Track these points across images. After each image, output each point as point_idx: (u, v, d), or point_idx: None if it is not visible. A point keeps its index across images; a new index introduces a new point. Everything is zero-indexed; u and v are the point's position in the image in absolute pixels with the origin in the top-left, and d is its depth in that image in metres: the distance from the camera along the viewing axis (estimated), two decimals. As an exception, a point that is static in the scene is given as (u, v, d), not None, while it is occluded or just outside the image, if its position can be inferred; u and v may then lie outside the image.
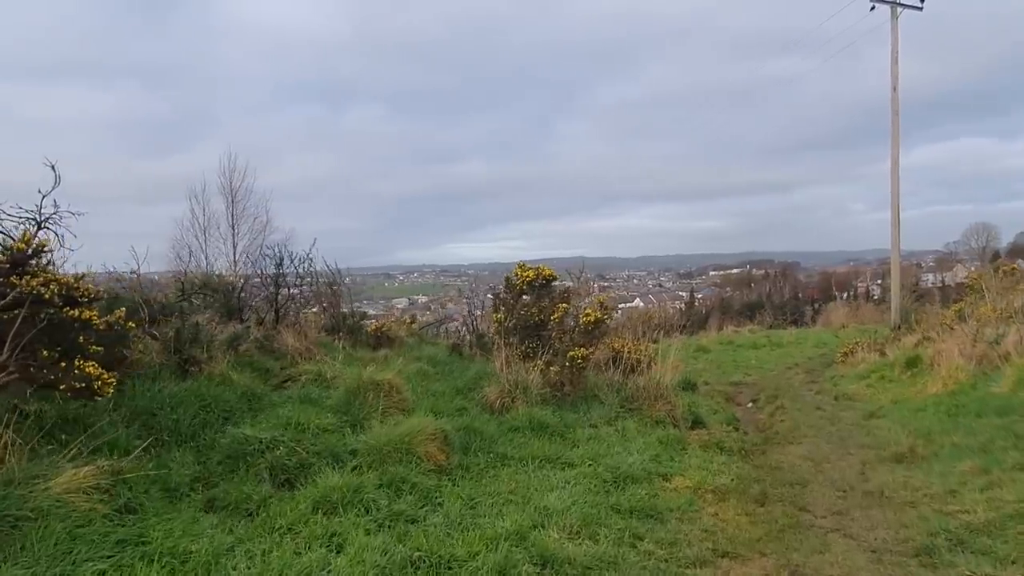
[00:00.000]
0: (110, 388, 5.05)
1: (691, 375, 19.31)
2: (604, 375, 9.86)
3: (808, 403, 11.83)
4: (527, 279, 9.72)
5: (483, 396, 8.94)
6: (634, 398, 9.48)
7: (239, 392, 7.71)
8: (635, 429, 8.47)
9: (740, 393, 15.22)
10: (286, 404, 7.80)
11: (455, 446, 6.89)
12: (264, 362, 9.34)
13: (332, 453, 6.38)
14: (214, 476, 6.02)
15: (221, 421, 7.07)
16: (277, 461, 6.01)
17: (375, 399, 7.76)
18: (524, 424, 7.94)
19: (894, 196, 21.85)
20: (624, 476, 6.64)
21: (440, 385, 9.30)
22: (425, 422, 6.76)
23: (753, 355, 23.11)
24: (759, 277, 65.17)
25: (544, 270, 9.85)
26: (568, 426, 8.26)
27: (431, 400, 8.32)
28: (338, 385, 8.16)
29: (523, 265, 9.90)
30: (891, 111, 21.86)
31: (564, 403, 9.09)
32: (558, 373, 9.14)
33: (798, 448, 8.43)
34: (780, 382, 16.57)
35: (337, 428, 7.14)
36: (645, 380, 9.54)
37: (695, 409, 10.52)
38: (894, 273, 22.92)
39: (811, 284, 57.50)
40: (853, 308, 35.14)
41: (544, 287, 9.86)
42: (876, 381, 12.62)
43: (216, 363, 7.90)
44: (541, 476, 6.54)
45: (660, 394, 9.45)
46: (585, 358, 9.19)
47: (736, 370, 20.01)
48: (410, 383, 8.84)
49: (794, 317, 35.42)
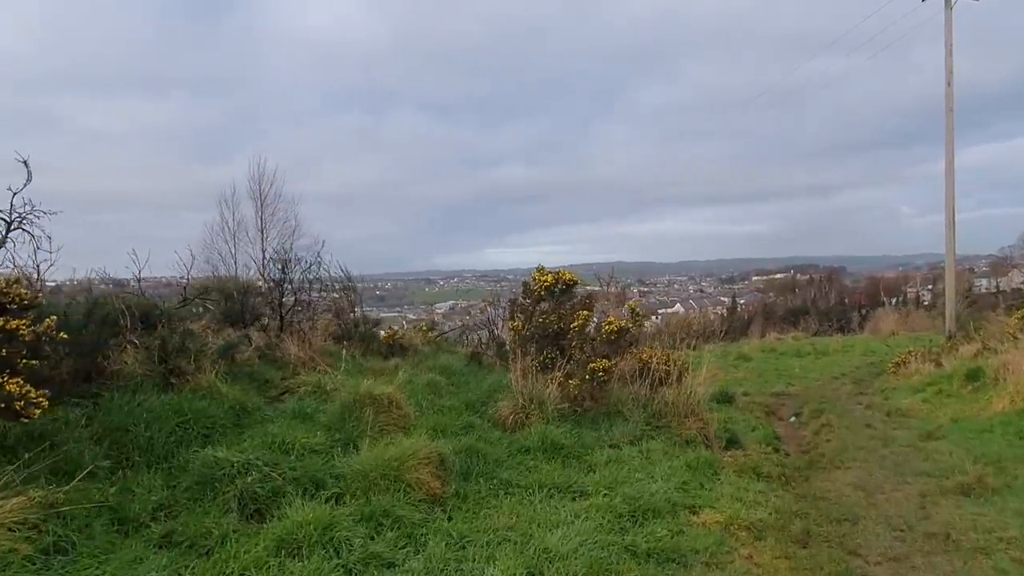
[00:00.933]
0: (37, 409, 4.34)
1: (729, 385, 18.35)
2: (630, 388, 8.96)
3: (857, 419, 10.75)
4: (545, 284, 8.89)
5: (495, 412, 8.13)
6: (662, 414, 8.57)
7: (227, 406, 7.03)
8: (661, 450, 7.56)
9: (782, 406, 14.13)
10: (277, 420, 7.10)
11: (453, 471, 6.09)
12: (265, 372, 8.68)
13: (313, 479, 5.62)
14: (179, 504, 5.32)
15: (201, 439, 6.40)
16: (247, 488, 5.27)
17: (372, 415, 7.01)
18: (536, 445, 7.10)
19: (948, 196, 20.43)
20: (644, 509, 5.75)
21: (450, 399, 8.51)
22: (420, 444, 5.96)
23: (797, 364, 21.89)
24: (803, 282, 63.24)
25: (564, 274, 9.00)
26: (585, 447, 7.40)
27: (436, 416, 7.53)
28: (336, 399, 7.42)
29: (542, 268, 9.07)
30: (945, 107, 20.47)
31: (584, 420, 8.23)
32: (578, 387, 8.29)
33: (846, 474, 7.43)
34: (826, 394, 15.41)
35: (326, 448, 6.40)
36: (674, 394, 8.61)
37: (731, 426, 9.56)
38: (948, 277, 21.45)
39: (858, 290, 55.48)
40: (903, 315, 33.47)
41: (564, 293, 9.01)
42: (933, 395, 11.46)
43: (204, 374, 7.24)
44: (548, 508, 5.69)
45: (691, 409, 8.52)
46: (607, 370, 8.31)
47: (778, 380, 18.86)
48: (415, 397, 8.08)
49: (840, 324, 33.81)
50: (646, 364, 9.35)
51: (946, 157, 20.45)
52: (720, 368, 22.86)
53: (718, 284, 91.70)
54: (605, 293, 13.64)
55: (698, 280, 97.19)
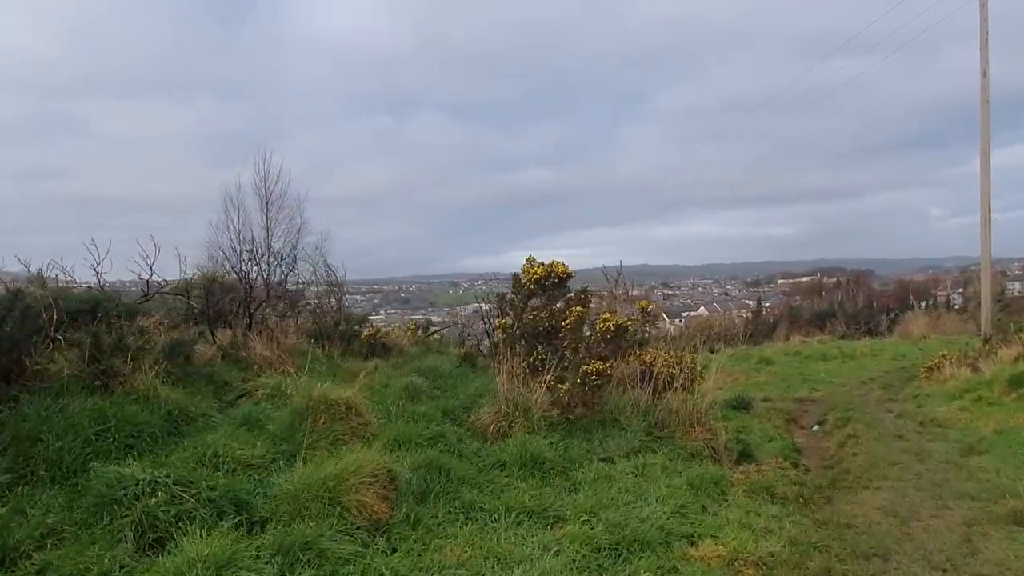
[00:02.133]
0: None
1: (749, 390, 17.19)
2: (630, 394, 7.92)
3: (887, 429, 9.60)
4: (535, 277, 7.89)
5: (476, 419, 7.16)
6: (665, 423, 7.53)
7: (163, 412, 6.13)
8: (661, 465, 6.52)
9: (805, 413, 12.96)
10: (222, 427, 6.19)
11: (407, 491, 5.11)
12: (226, 373, 7.80)
13: (235, 501, 4.67)
14: (71, 530, 4.42)
15: (123, 451, 5.49)
16: (149, 512, 4.34)
17: (327, 423, 6.07)
18: (513, 458, 6.10)
19: (984, 191, 18.99)
20: (631, 540, 4.74)
21: (428, 405, 7.53)
22: (367, 458, 5.00)
23: (822, 367, 20.60)
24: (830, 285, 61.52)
25: (557, 266, 8.00)
26: (572, 461, 6.38)
27: (404, 425, 6.54)
28: (290, 404, 6.49)
29: (532, 260, 8.08)
30: (980, 99, 19.04)
31: (575, 429, 7.22)
32: (568, 391, 7.27)
33: (876, 496, 6.33)
34: (853, 400, 14.19)
35: (266, 462, 5.47)
36: (678, 401, 7.56)
37: (744, 436, 8.48)
38: (984, 278, 19.98)
39: (886, 292, 53.67)
40: (933, 318, 31.87)
41: (557, 287, 8.01)
42: (971, 403, 10.25)
43: (142, 375, 6.35)
44: (513, 538, 4.69)
45: (698, 418, 7.47)
46: (602, 373, 7.29)
47: (802, 384, 17.63)
48: (385, 402, 7.14)
49: (868, 327, 32.27)
50: (649, 367, 8.31)
51: (981, 149, 19.04)
52: (741, 372, 21.74)
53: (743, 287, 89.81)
54: (612, 292, 12.57)
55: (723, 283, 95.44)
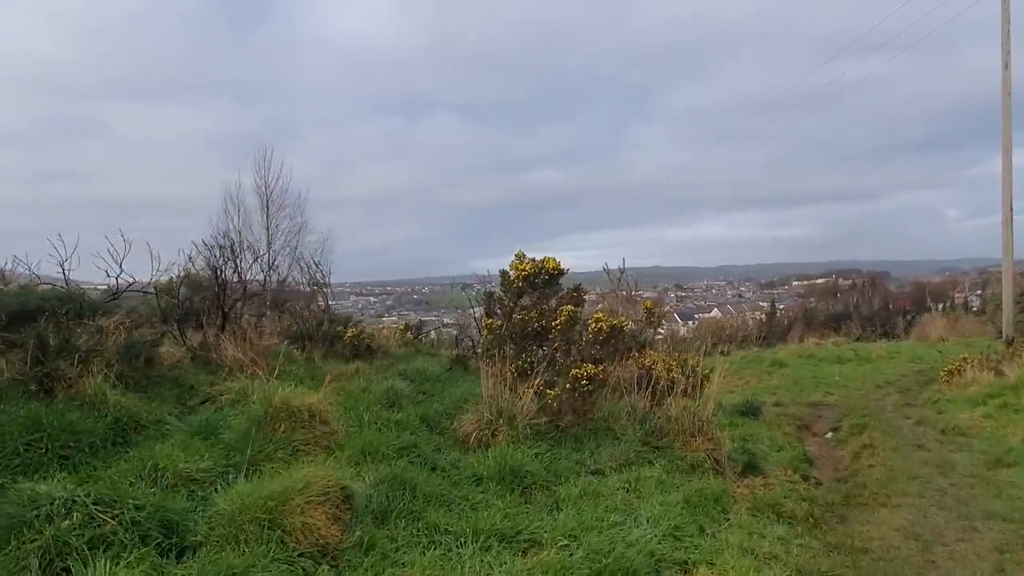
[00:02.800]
0: None
1: (761, 394, 16.46)
2: (627, 399, 7.30)
3: (906, 437, 8.91)
4: (524, 273, 7.29)
5: (457, 427, 6.57)
6: (663, 431, 6.89)
7: (110, 419, 5.59)
8: (656, 479, 5.89)
9: (818, 419, 12.27)
10: (175, 436, 5.64)
11: (364, 511, 4.52)
12: (193, 376, 7.26)
13: (165, 522, 4.10)
14: (-25, 556, 3.87)
15: (57, 463, 4.95)
16: (60, 537, 3.78)
17: (287, 432, 5.50)
18: (492, 472, 5.49)
19: (1006, 191, 18.18)
20: (614, 569, 4.12)
21: (407, 411, 6.94)
22: (318, 474, 4.41)
23: (837, 370, 19.84)
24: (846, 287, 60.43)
25: (548, 262, 7.39)
26: (557, 474, 5.77)
27: (375, 434, 5.95)
28: (246, 411, 5.93)
29: (522, 256, 7.48)
30: (1002, 91, 18.26)
31: (565, 438, 6.61)
32: (557, 397, 6.66)
33: (894, 515, 5.67)
34: (869, 404, 13.48)
35: (212, 477, 4.89)
36: (678, 408, 6.93)
37: (751, 445, 7.84)
38: (1006, 279, 19.14)
39: (903, 295, 52.58)
40: (951, 320, 30.99)
41: (548, 285, 7.40)
42: (996, 410, 9.53)
43: (91, 379, 5.82)
44: (479, 567, 4.09)
45: (699, 427, 6.83)
46: (594, 378, 6.67)
47: (816, 388, 16.91)
48: (356, 408, 6.56)
49: (884, 329, 31.41)
50: (648, 371, 7.69)
51: (1003, 145, 18.23)
52: (753, 375, 21.02)
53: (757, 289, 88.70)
54: (615, 291, 11.95)
55: (737, 285, 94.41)
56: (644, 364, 7.79)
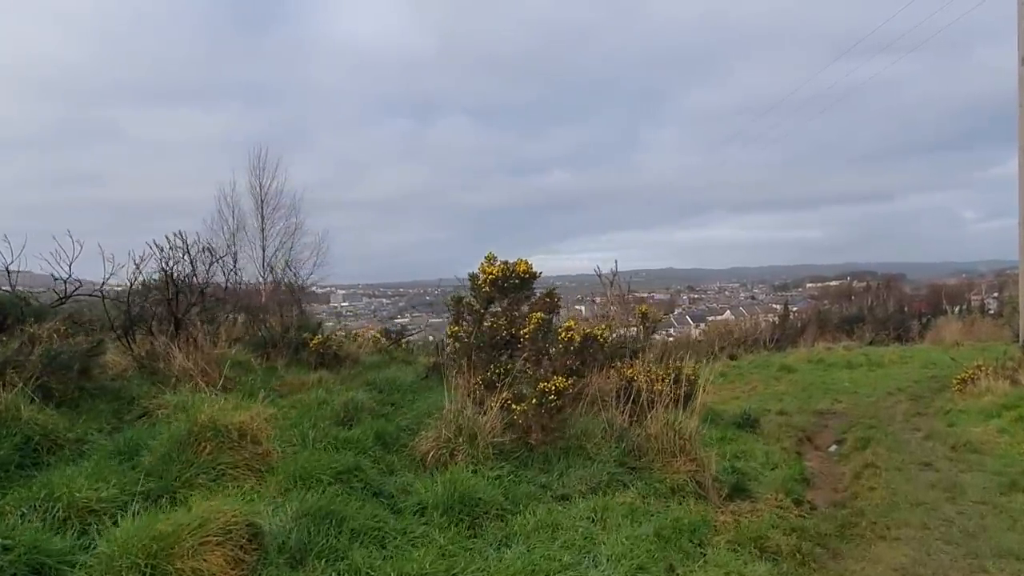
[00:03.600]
0: None
1: (765, 401, 15.79)
2: (605, 414, 6.66)
3: (913, 453, 8.20)
4: (491, 278, 6.67)
5: (416, 446, 5.96)
6: (642, 450, 6.25)
7: (19, 439, 5.02)
8: (628, 506, 5.25)
9: (823, 429, 11.55)
10: (92, 458, 5.07)
11: (277, 551, 3.92)
12: (136, 388, 6.70)
13: (36, 567, 3.52)
14: None
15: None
16: (-100, 587, 3.22)
17: (212, 453, 4.91)
18: (439, 500, 4.86)
19: (1023, 191, 17.33)
20: (555, 624, 3.50)
21: (364, 427, 6.33)
22: (221, 508, 3.81)
23: (847, 376, 19.08)
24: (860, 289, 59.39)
25: (519, 265, 6.76)
26: (516, 501, 5.13)
27: (318, 454, 5.33)
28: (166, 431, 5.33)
29: (492, 257, 6.85)
30: (1018, 89, 17.38)
31: (532, 459, 5.98)
32: (523, 413, 6.02)
33: (894, 550, 4.99)
34: (878, 413, 12.74)
35: (115, 508, 4.31)
36: (659, 424, 6.27)
37: (741, 463, 7.18)
38: (1023, 281, 18.29)
39: (918, 297, 51.45)
40: (967, 323, 29.98)
41: (518, 289, 6.77)
42: (1012, 423, 8.79)
43: (4, 392, 5.26)
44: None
45: (681, 445, 6.18)
46: (563, 392, 6.02)
47: (824, 395, 16.16)
48: (301, 426, 5.97)
49: (898, 332, 30.47)
50: (630, 382, 7.05)
51: (1020, 144, 17.31)
52: (760, 380, 20.26)
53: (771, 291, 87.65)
54: (606, 294, 11.29)
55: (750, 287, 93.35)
56: (625, 375, 7.15)
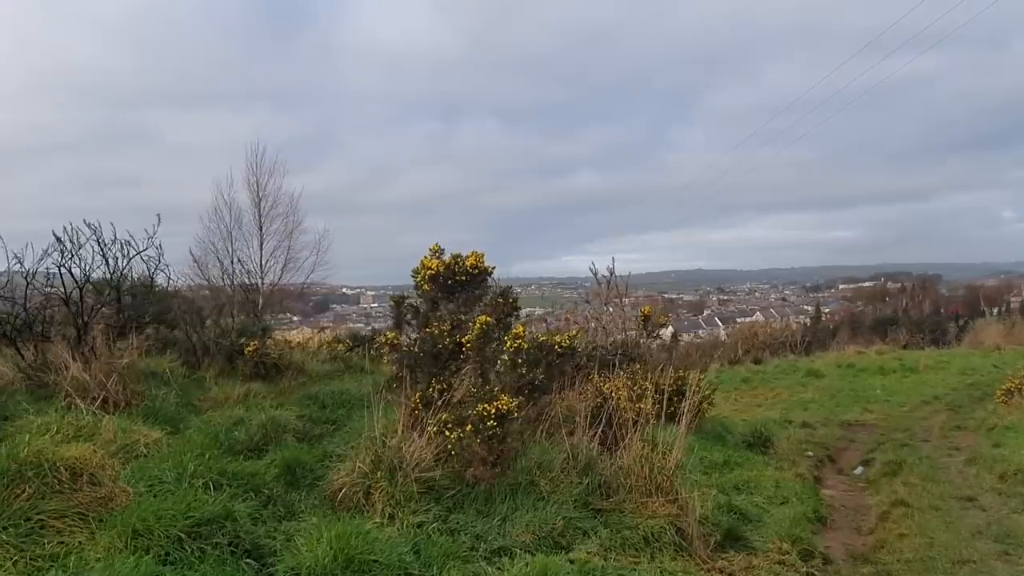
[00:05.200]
0: None
1: (790, 410, 14.36)
2: (569, 441, 5.38)
3: (953, 483, 6.80)
4: (429, 274, 5.43)
5: (330, 481, 4.77)
6: (611, 487, 4.97)
7: None
8: (580, 566, 3.99)
9: (849, 446, 10.14)
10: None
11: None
12: (12, 406, 5.61)
13: None
14: None
15: None
16: None
17: (33, 499, 3.76)
18: (320, 564, 3.64)
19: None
20: None
21: (271, 456, 5.16)
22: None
23: (879, 383, 17.53)
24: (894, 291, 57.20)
25: (469, 258, 5.51)
26: (431, 563, 3.89)
27: (177, 497, 4.14)
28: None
29: (436, 249, 5.60)
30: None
31: (472, 498, 4.73)
32: (457, 442, 4.77)
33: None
34: (912, 426, 11.29)
35: None
36: (633, 455, 4.98)
37: (743, 498, 5.84)
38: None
39: (955, 299, 49.16)
40: (1007, 326, 28.05)
41: (465, 288, 5.52)
42: (1072, 446, 7.33)
43: None
44: None
45: (659, 482, 4.88)
46: (506, 415, 4.76)
47: (853, 404, 14.69)
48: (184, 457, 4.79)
49: (934, 335, 28.60)
50: (605, 400, 5.77)
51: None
52: (784, 387, 18.73)
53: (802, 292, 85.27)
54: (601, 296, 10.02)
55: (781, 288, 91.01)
56: (602, 391, 5.88)
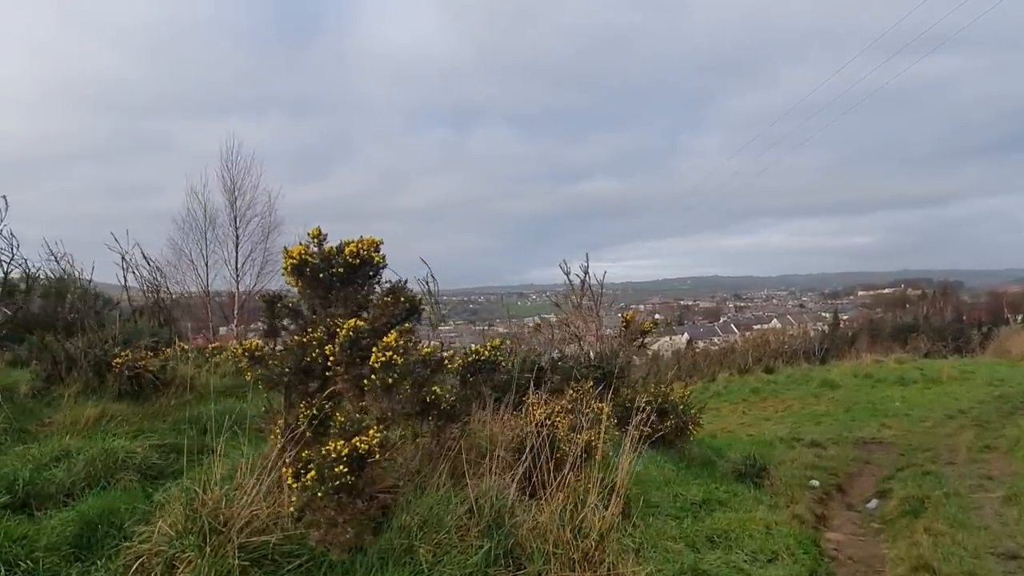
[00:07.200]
0: None
1: (800, 424, 12.91)
2: (478, 487, 4.02)
3: (989, 531, 5.35)
4: (292, 263, 4.10)
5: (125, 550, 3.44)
6: (524, 554, 3.59)
7: None
8: None
9: (862, 471, 8.66)
10: None
11: None
12: None
13: None
14: None
15: None
16: None
17: None
18: None
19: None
20: None
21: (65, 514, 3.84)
22: None
23: (898, 394, 15.94)
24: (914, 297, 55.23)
25: (357, 244, 4.17)
26: None
27: None
28: None
29: (316, 234, 4.26)
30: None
31: (324, 571, 3.39)
32: (303, 492, 3.43)
33: None
34: (935, 444, 9.78)
35: None
36: (548, 511, 3.60)
37: (717, 555, 4.42)
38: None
39: (977, 306, 47.07)
40: (1034, 333, 26.23)
41: (347, 284, 4.19)
42: None
43: None
44: None
45: (585, 550, 3.49)
46: (365, 457, 3.40)
47: (870, 418, 13.14)
48: None
49: (957, 343, 26.79)
50: (539, 429, 4.39)
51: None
52: (796, 399, 17.19)
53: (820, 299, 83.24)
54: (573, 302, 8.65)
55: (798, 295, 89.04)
56: (536, 418, 4.50)
